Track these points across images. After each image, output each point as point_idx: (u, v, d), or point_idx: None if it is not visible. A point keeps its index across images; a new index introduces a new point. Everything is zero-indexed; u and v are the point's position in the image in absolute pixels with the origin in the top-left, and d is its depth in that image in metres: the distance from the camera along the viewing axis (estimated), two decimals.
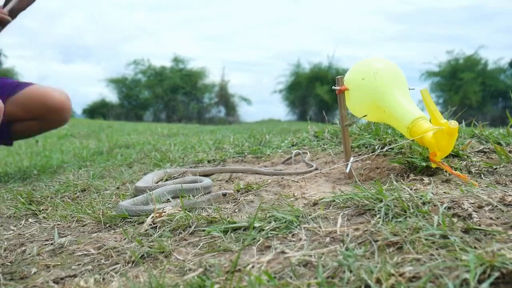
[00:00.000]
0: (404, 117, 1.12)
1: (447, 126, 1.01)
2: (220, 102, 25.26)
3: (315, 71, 23.40)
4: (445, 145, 1.05)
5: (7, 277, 0.79)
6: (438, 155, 1.07)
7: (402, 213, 0.76)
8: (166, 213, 0.97)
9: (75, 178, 1.81)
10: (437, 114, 1.05)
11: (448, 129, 1.01)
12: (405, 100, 1.15)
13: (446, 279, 0.55)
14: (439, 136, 1.03)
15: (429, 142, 1.06)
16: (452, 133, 1.02)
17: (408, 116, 1.11)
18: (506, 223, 0.70)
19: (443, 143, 1.04)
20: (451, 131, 1.02)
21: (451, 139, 1.04)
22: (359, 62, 1.26)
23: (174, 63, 24.93)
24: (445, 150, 1.06)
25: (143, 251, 0.80)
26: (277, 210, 0.88)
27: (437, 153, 1.07)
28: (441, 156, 1.07)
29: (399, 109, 1.13)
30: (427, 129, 1.06)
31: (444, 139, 1.03)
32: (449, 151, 1.07)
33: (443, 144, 1.04)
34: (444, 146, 1.05)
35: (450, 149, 1.07)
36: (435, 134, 1.04)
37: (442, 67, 22.31)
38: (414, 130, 1.09)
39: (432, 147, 1.07)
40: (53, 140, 4.74)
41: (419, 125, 1.08)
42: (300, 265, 0.65)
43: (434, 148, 1.06)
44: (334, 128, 1.97)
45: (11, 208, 1.30)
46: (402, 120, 1.12)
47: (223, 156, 1.91)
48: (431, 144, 1.06)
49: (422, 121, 1.09)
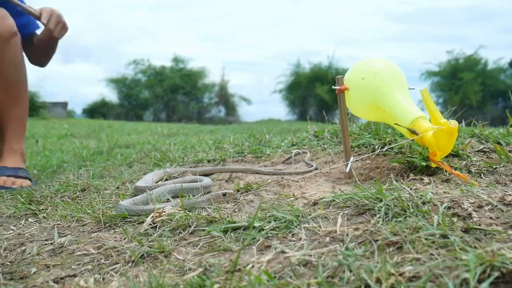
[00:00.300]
0: (404, 117, 1.12)
1: (447, 125, 1.01)
2: (220, 102, 25.27)
3: (315, 71, 23.40)
4: (445, 144, 1.05)
5: (7, 276, 0.79)
6: (438, 154, 1.07)
7: (402, 213, 0.76)
8: (166, 213, 0.97)
9: (75, 177, 1.81)
10: (437, 113, 1.05)
11: (448, 128, 1.01)
12: (405, 100, 1.15)
13: (446, 279, 0.55)
14: (439, 136, 1.04)
15: (429, 141, 1.06)
16: (452, 132, 1.02)
17: (408, 116, 1.11)
18: (506, 222, 0.70)
19: (443, 142, 1.04)
20: (451, 130, 1.02)
21: (451, 139, 1.04)
22: (359, 62, 1.26)
23: (174, 63, 24.94)
24: (445, 149, 1.06)
25: (143, 251, 0.80)
26: (277, 210, 0.88)
27: (437, 153, 1.07)
28: (441, 155, 1.07)
29: (399, 109, 1.13)
30: (427, 128, 1.06)
31: (444, 139, 1.04)
32: (449, 150, 1.07)
33: (443, 143, 1.04)
34: (444, 146, 1.05)
35: (450, 149, 1.07)
36: (435, 133, 1.04)
37: (442, 67, 22.31)
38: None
39: (432, 147, 1.07)
40: (53, 140, 4.74)
41: (419, 124, 1.08)
42: (300, 265, 0.65)
43: (434, 147, 1.06)
44: (334, 128, 1.97)
45: (11, 208, 1.30)
46: (402, 120, 1.12)
47: (223, 156, 1.91)
48: (431, 143, 1.06)
49: (422, 121, 1.09)
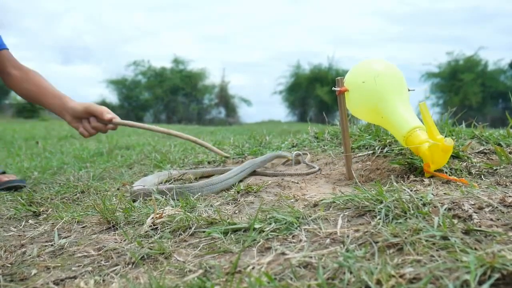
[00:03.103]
0: (402, 125, 1.12)
1: (442, 143, 1.02)
2: (220, 103, 25.29)
3: (315, 72, 23.43)
4: (439, 160, 1.06)
5: (7, 278, 0.79)
6: (432, 167, 1.08)
7: (403, 214, 0.76)
8: (166, 214, 0.97)
9: (75, 179, 1.81)
10: (434, 129, 1.05)
11: (443, 146, 1.02)
12: (404, 108, 1.15)
13: (446, 280, 0.54)
14: (434, 151, 1.05)
15: (423, 153, 1.08)
16: (446, 150, 1.04)
17: (406, 125, 1.11)
18: (507, 224, 0.70)
19: (437, 157, 1.06)
20: (446, 148, 1.03)
21: (445, 155, 1.05)
22: (359, 63, 1.26)
23: (174, 64, 24.98)
24: (439, 164, 1.08)
25: (143, 253, 0.80)
26: (277, 212, 0.88)
27: (430, 165, 1.08)
28: (434, 168, 1.08)
29: (397, 117, 1.14)
30: (423, 141, 1.07)
31: (438, 155, 1.05)
32: (443, 164, 1.09)
33: (436, 158, 1.06)
34: (438, 162, 1.07)
35: (443, 164, 1.08)
36: (430, 147, 1.05)
37: (442, 68, 22.34)
38: (410, 140, 1.10)
39: (426, 159, 1.07)
40: (53, 141, 4.74)
41: (416, 135, 1.09)
42: (301, 266, 0.65)
43: (428, 160, 1.07)
44: (334, 129, 1.97)
45: (11, 209, 1.30)
46: (399, 129, 1.12)
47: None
48: (426, 156, 1.07)
49: (419, 132, 1.09)
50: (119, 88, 24.35)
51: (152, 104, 24.07)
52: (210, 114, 25.05)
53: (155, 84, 23.90)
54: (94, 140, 4.46)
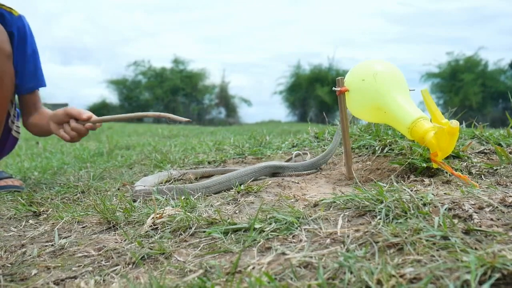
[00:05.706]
0: (405, 117, 1.12)
1: (448, 125, 1.01)
2: (221, 103, 25.30)
3: (315, 73, 23.42)
4: (446, 145, 1.04)
5: (8, 278, 0.79)
6: (439, 155, 1.07)
7: (403, 214, 0.76)
8: (167, 214, 0.97)
9: (76, 179, 1.81)
10: (438, 114, 1.05)
11: (449, 128, 1.01)
12: (405, 101, 1.15)
13: (447, 280, 0.54)
14: (440, 136, 1.03)
15: (430, 142, 1.06)
16: (453, 132, 1.02)
17: (409, 117, 1.11)
18: (507, 224, 0.70)
19: (444, 143, 1.04)
20: (452, 130, 1.01)
21: (452, 139, 1.04)
22: (359, 63, 1.26)
23: (174, 65, 24.98)
24: (446, 150, 1.06)
25: (144, 253, 0.80)
26: (278, 211, 0.88)
27: (438, 153, 1.06)
28: (442, 156, 1.07)
29: (400, 110, 1.13)
30: (428, 129, 1.06)
31: (445, 139, 1.03)
32: (450, 151, 1.07)
33: (444, 144, 1.04)
34: (445, 146, 1.05)
35: (451, 149, 1.06)
36: (436, 134, 1.04)
37: (442, 68, 22.33)
38: (415, 130, 1.09)
39: (433, 148, 1.06)
40: (53, 142, 4.74)
41: (420, 125, 1.08)
42: (301, 267, 0.65)
43: (435, 148, 1.06)
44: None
45: (12, 210, 1.30)
46: (403, 121, 1.12)
47: (224, 157, 1.91)
48: (432, 144, 1.06)
49: (423, 121, 1.09)
50: (119, 89, 24.34)
51: (153, 104, 24.07)
52: (210, 114, 25.07)
53: (155, 84, 23.91)
54: (94, 140, 4.47)
